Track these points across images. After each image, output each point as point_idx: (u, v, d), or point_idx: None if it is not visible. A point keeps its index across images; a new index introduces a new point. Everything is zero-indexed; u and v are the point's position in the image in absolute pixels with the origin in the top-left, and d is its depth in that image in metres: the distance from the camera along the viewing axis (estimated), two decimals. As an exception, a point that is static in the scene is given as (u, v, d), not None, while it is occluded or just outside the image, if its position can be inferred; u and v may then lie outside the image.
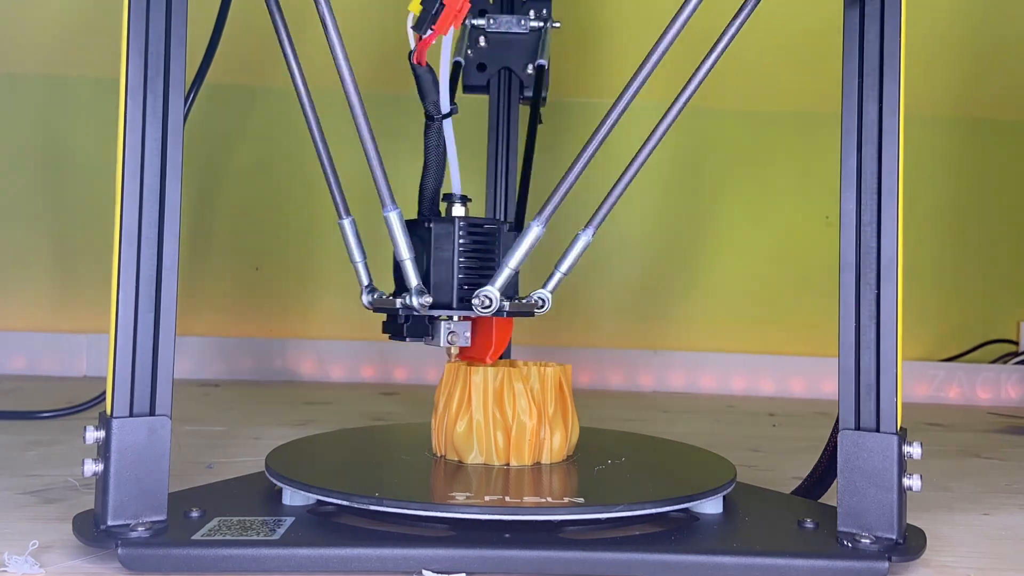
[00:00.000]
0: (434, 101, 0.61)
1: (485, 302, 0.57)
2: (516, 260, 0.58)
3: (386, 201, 0.58)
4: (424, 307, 0.58)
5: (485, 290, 0.57)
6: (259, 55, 1.40)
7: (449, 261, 0.59)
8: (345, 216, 0.65)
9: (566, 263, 0.60)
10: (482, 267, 0.60)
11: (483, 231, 0.61)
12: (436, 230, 0.60)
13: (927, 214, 1.51)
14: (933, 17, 1.36)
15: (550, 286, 0.60)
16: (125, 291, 0.50)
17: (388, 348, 1.44)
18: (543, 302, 0.60)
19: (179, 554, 0.47)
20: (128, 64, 0.50)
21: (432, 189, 0.63)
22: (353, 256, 0.65)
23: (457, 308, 0.59)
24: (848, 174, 0.52)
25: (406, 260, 0.58)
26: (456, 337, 0.60)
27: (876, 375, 0.51)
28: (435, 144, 0.62)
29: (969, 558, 0.54)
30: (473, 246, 0.60)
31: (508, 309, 0.58)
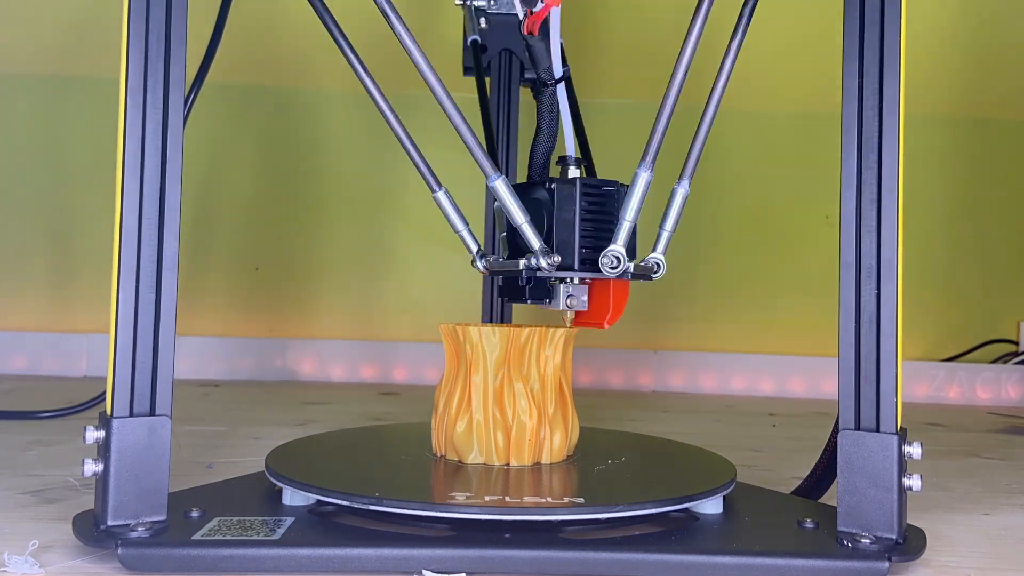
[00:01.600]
0: (547, 67, 0.62)
1: (614, 262, 0.56)
2: (632, 212, 0.57)
3: (489, 172, 0.58)
4: (552, 267, 0.57)
5: (613, 249, 0.56)
6: (259, 55, 1.40)
7: (571, 222, 0.58)
8: (438, 189, 0.65)
9: (670, 221, 0.59)
10: (601, 228, 0.59)
11: (602, 192, 0.60)
12: (559, 191, 0.59)
13: (927, 214, 1.51)
14: (933, 17, 1.36)
15: (660, 247, 0.59)
16: (125, 291, 0.50)
17: (388, 348, 1.44)
18: (659, 266, 0.60)
19: (179, 554, 0.47)
20: (128, 64, 0.50)
21: (544, 153, 0.64)
22: (456, 225, 0.66)
23: (579, 270, 0.58)
24: (848, 174, 0.52)
25: (523, 224, 0.57)
26: (575, 300, 0.60)
27: (876, 375, 0.51)
28: (548, 108, 0.63)
29: (969, 558, 0.54)
30: (593, 207, 0.59)
31: (632, 270, 0.57)
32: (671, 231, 0.59)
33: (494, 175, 0.58)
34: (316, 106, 1.47)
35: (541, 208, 0.59)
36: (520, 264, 0.59)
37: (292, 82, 1.45)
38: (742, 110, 1.49)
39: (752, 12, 0.60)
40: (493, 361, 0.60)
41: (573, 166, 0.62)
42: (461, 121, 0.57)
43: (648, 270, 0.59)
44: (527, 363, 0.61)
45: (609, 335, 1.47)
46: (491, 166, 0.58)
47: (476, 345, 0.60)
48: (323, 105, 1.46)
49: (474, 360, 0.61)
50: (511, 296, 0.62)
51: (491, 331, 0.60)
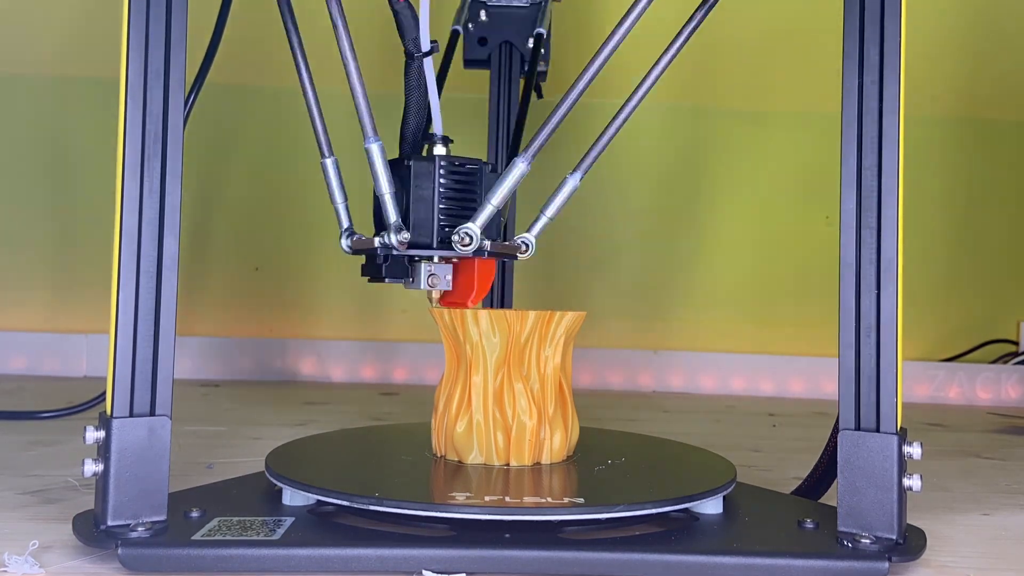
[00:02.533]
0: (414, 38, 0.59)
1: (465, 239, 0.55)
2: (499, 197, 0.56)
3: (368, 132, 0.56)
4: (402, 244, 0.56)
5: (465, 227, 0.55)
6: (259, 55, 1.40)
7: (429, 200, 0.57)
8: (328, 155, 0.63)
9: (552, 207, 0.59)
10: (463, 208, 0.58)
11: (464, 170, 0.59)
12: (416, 168, 0.58)
13: (927, 214, 1.51)
14: (933, 17, 1.36)
15: (535, 230, 0.59)
16: (125, 291, 0.50)
17: (388, 348, 1.44)
18: (527, 246, 0.59)
19: (179, 554, 0.47)
20: (128, 64, 0.50)
21: (413, 129, 0.61)
22: (335, 197, 0.63)
23: (437, 248, 0.57)
24: (848, 174, 0.52)
25: (385, 195, 0.56)
26: (437, 280, 0.59)
27: (876, 375, 0.51)
28: (416, 83, 0.61)
29: (969, 558, 0.54)
30: (454, 185, 0.58)
31: (490, 249, 0.57)
32: (550, 217, 0.59)
33: (372, 137, 0.56)
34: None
35: (403, 186, 0.58)
36: (376, 241, 0.58)
37: (292, 82, 1.44)
38: (742, 110, 1.49)
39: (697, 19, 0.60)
40: (493, 361, 0.60)
41: (440, 143, 0.60)
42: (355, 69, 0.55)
43: (514, 249, 0.58)
44: (527, 363, 0.61)
45: (609, 335, 1.47)
46: (372, 127, 0.56)
47: (476, 345, 0.60)
48: (323, 105, 1.46)
49: (474, 360, 0.61)
50: (372, 275, 0.60)
51: (491, 331, 0.60)
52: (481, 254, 0.57)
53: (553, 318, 0.61)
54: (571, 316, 0.61)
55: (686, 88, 1.47)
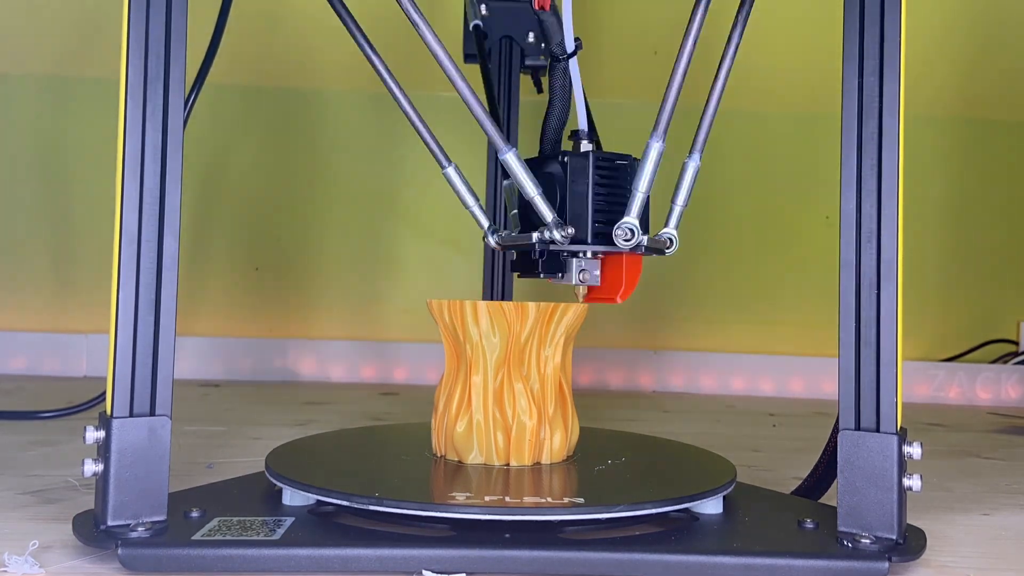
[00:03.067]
0: (559, 42, 0.61)
1: (627, 234, 0.56)
2: (645, 183, 0.56)
3: (500, 145, 0.57)
4: (566, 239, 0.57)
5: (627, 221, 0.56)
6: (260, 55, 1.40)
7: (584, 195, 0.58)
8: (448, 164, 0.65)
9: (682, 195, 0.59)
10: (614, 202, 0.59)
11: (615, 166, 0.60)
12: (572, 164, 0.58)
13: (927, 214, 1.51)
14: (933, 17, 1.36)
15: (672, 222, 0.59)
16: (125, 291, 0.50)
17: (388, 348, 1.44)
18: (672, 241, 0.59)
19: (179, 554, 0.47)
20: (128, 64, 0.50)
21: (556, 127, 0.63)
22: (467, 201, 0.65)
23: (593, 243, 0.58)
24: (848, 174, 0.52)
25: (536, 196, 0.57)
26: (587, 275, 0.60)
27: (876, 375, 0.51)
28: (561, 83, 0.62)
29: (969, 558, 0.54)
30: (606, 180, 0.59)
31: (646, 244, 0.57)
32: (683, 205, 0.59)
33: (505, 147, 0.57)
34: (316, 106, 1.47)
35: (553, 182, 0.59)
36: (533, 237, 0.58)
37: (292, 82, 1.45)
38: (742, 110, 1.49)
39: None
40: (493, 361, 0.60)
41: (586, 140, 0.62)
42: (469, 93, 0.56)
43: (661, 244, 0.59)
44: (527, 363, 0.61)
45: (609, 335, 1.47)
46: (502, 139, 0.57)
47: (476, 345, 0.60)
48: (323, 105, 1.46)
49: (474, 360, 0.61)
50: (524, 271, 0.61)
51: (491, 331, 0.60)
52: (639, 249, 0.58)
53: (556, 312, 0.61)
54: (573, 310, 0.61)
55: (686, 88, 1.47)
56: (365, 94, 1.45)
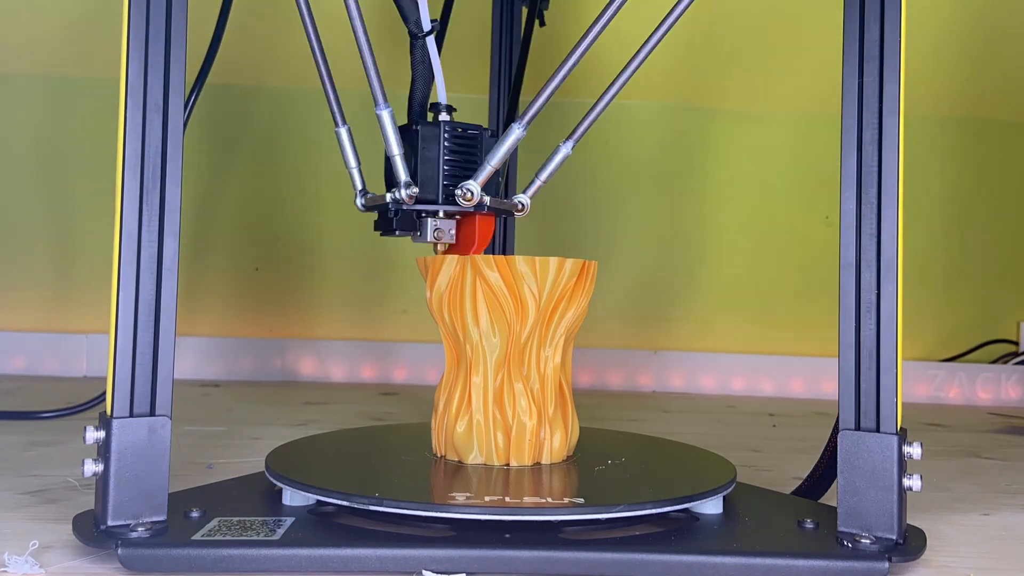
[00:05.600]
0: (415, 20, 0.65)
1: (467, 195, 0.62)
2: (497, 159, 0.62)
3: (379, 100, 0.62)
4: (411, 198, 0.62)
5: (467, 184, 0.62)
6: (259, 55, 1.40)
7: (435, 160, 0.64)
8: (342, 124, 0.69)
9: (545, 172, 0.65)
10: (465, 167, 0.64)
11: (466, 135, 0.65)
12: (423, 132, 0.64)
13: (927, 214, 1.51)
14: (933, 17, 1.36)
15: (530, 191, 0.65)
16: (125, 291, 0.50)
17: (388, 348, 1.44)
18: (522, 206, 0.65)
19: (179, 554, 0.47)
20: (128, 64, 0.50)
21: (419, 100, 0.68)
22: (349, 162, 0.69)
23: (442, 203, 0.63)
24: (848, 174, 0.52)
25: (396, 155, 0.62)
26: (442, 233, 0.65)
27: (876, 375, 0.51)
28: (420, 59, 0.67)
29: (969, 558, 0.54)
30: (457, 147, 0.64)
31: (489, 204, 0.63)
32: (543, 181, 0.65)
33: (383, 104, 0.62)
34: (316, 106, 1.46)
35: (413, 149, 0.64)
36: (387, 197, 0.64)
37: (292, 82, 1.45)
38: (742, 110, 1.49)
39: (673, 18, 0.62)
40: (493, 361, 0.60)
41: (444, 112, 0.66)
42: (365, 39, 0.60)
43: (512, 207, 0.65)
44: (527, 363, 0.61)
45: (609, 335, 1.47)
46: (383, 95, 0.62)
47: (476, 345, 0.60)
48: (323, 105, 1.46)
49: (474, 360, 0.61)
50: (384, 229, 0.66)
51: (491, 331, 0.60)
52: (481, 209, 0.63)
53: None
54: (573, 311, 0.62)
55: (686, 88, 1.47)
56: (365, 94, 1.44)
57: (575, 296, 0.62)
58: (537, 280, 0.60)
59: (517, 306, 0.60)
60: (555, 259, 0.60)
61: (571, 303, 0.62)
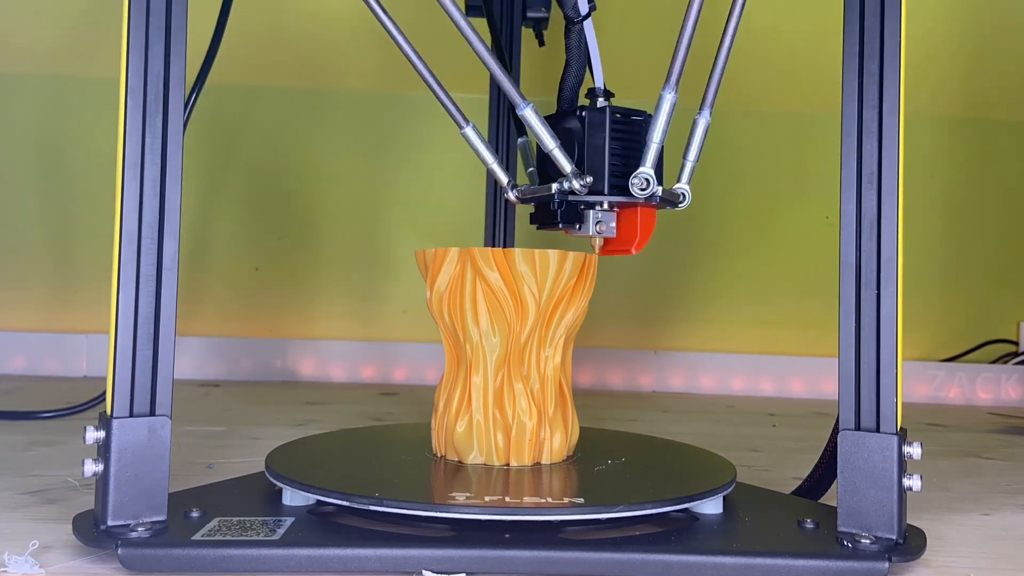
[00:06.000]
0: (573, 5, 0.63)
1: (643, 183, 0.58)
2: (659, 133, 0.58)
3: (518, 100, 0.59)
4: (584, 188, 0.59)
5: (642, 171, 0.58)
6: (260, 55, 1.40)
7: (601, 148, 0.61)
8: (466, 124, 0.66)
9: (693, 151, 0.61)
10: (629, 155, 0.61)
11: (630, 120, 0.62)
12: (590, 118, 0.61)
13: (927, 214, 1.51)
14: (933, 17, 1.36)
15: (684, 178, 0.61)
16: (125, 291, 0.50)
17: (388, 348, 1.44)
18: (684, 196, 0.61)
19: (179, 554, 0.47)
20: (128, 64, 0.50)
21: (572, 87, 0.65)
22: (486, 159, 0.66)
23: (609, 194, 0.60)
24: (848, 174, 0.52)
25: (555, 148, 0.59)
26: (604, 226, 0.62)
27: (876, 375, 0.51)
28: (576, 44, 0.64)
29: (969, 558, 0.54)
30: (622, 134, 0.61)
31: (661, 194, 0.59)
32: (694, 160, 0.61)
33: (523, 103, 0.59)
34: (316, 106, 1.47)
35: (571, 136, 0.61)
36: (552, 188, 0.60)
37: (292, 82, 1.45)
38: (742, 110, 1.49)
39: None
40: (493, 361, 0.60)
41: (602, 97, 0.64)
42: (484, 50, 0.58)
43: (675, 197, 0.61)
44: (527, 363, 0.61)
45: (609, 335, 1.47)
46: (519, 95, 0.59)
47: (476, 345, 0.60)
48: (323, 105, 1.46)
49: (474, 360, 0.61)
50: (543, 222, 0.63)
51: (491, 331, 0.60)
52: (654, 199, 0.60)
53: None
54: (572, 312, 0.62)
55: (686, 88, 1.47)
56: (365, 94, 1.45)
57: (575, 296, 0.62)
58: (537, 280, 0.60)
59: (517, 306, 0.60)
60: (555, 252, 0.60)
61: (571, 303, 0.62)
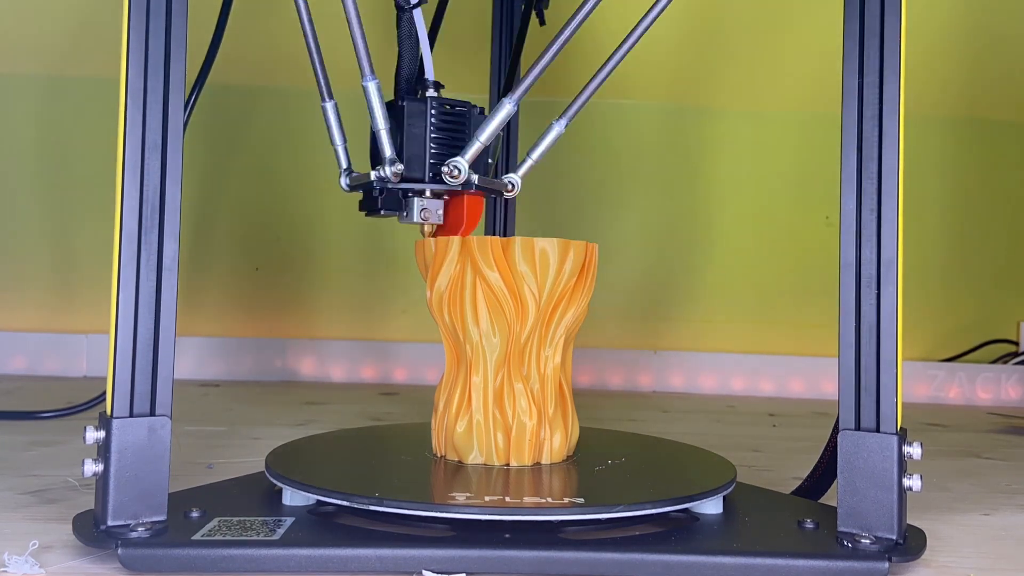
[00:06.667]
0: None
1: (454, 171, 0.60)
2: (486, 134, 0.60)
3: (365, 71, 0.60)
4: (396, 176, 0.60)
5: (454, 160, 0.60)
6: (260, 55, 1.40)
7: (421, 137, 0.62)
8: (328, 99, 0.67)
9: (537, 151, 0.63)
10: (453, 145, 0.62)
11: (454, 111, 0.63)
12: (409, 107, 0.62)
13: (927, 214, 1.51)
14: (933, 17, 1.36)
15: (521, 171, 0.63)
16: (125, 291, 0.50)
17: (388, 348, 1.44)
18: (513, 185, 0.63)
19: (179, 554, 0.47)
20: (128, 64, 0.50)
21: (406, 76, 0.65)
22: (334, 139, 0.67)
23: (429, 182, 0.61)
24: (848, 174, 0.52)
25: (381, 130, 0.60)
26: (429, 214, 0.63)
27: (876, 375, 0.51)
28: (407, 33, 0.65)
29: (969, 558, 0.54)
30: (444, 124, 0.62)
31: (477, 183, 0.61)
32: (536, 159, 0.63)
33: (370, 76, 0.60)
34: (316, 106, 1.46)
35: (399, 126, 0.62)
36: (372, 175, 0.62)
37: (292, 82, 1.45)
38: (742, 110, 1.49)
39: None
40: (493, 361, 0.60)
41: (431, 89, 0.64)
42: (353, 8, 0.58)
43: (501, 186, 0.62)
44: (527, 363, 0.61)
45: (609, 335, 1.47)
46: (369, 66, 0.59)
47: (476, 345, 0.60)
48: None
49: (474, 360, 0.61)
50: (369, 209, 0.64)
51: (491, 331, 0.60)
52: (469, 187, 0.61)
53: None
54: (572, 312, 0.62)
55: (686, 88, 1.47)
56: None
57: (575, 296, 0.62)
58: (537, 280, 0.60)
59: (517, 306, 0.60)
60: (555, 247, 0.59)
61: (571, 303, 0.62)
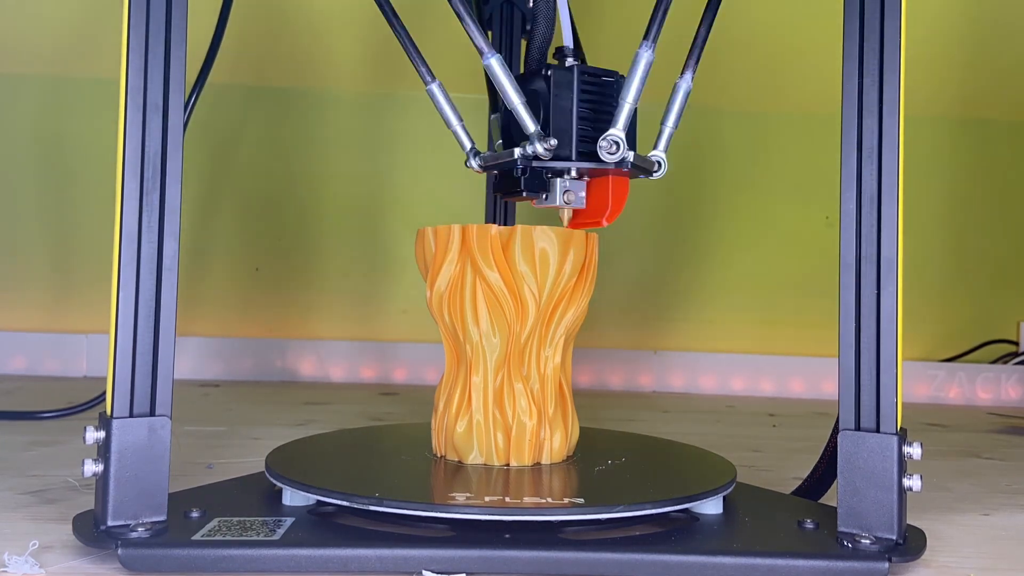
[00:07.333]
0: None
1: (612, 147, 0.53)
2: (632, 93, 0.54)
3: (484, 49, 0.54)
4: (549, 152, 0.54)
5: (612, 133, 0.53)
6: (260, 55, 1.40)
7: (568, 110, 0.55)
8: (431, 81, 0.61)
9: (672, 116, 0.57)
10: (600, 119, 0.56)
11: (601, 81, 0.57)
12: (555, 77, 0.55)
13: (927, 214, 1.51)
14: (933, 17, 1.36)
15: (661, 145, 0.57)
16: (125, 291, 0.50)
17: (388, 348, 1.44)
18: (660, 164, 0.57)
19: (179, 554, 0.47)
20: (128, 64, 0.50)
21: (540, 46, 0.60)
22: (450, 121, 0.62)
23: (577, 159, 0.55)
24: (848, 174, 0.52)
25: (519, 105, 0.54)
26: (572, 196, 0.57)
27: (876, 375, 0.51)
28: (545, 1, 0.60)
29: (969, 558, 0.54)
30: (592, 95, 0.56)
31: (632, 160, 0.54)
32: (672, 127, 0.57)
33: (489, 52, 0.54)
34: (316, 106, 1.46)
35: (537, 98, 0.56)
36: (515, 153, 0.56)
37: (293, 82, 1.45)
38: (742, 110, 1.49)
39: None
40: (493, 361, 0.60)
41: (571, 57, 0.59)
42: None
43: (649, 165, 0.57)
44: (527, 363, 0.61)
45: (609, 335, 1.47)
46: (486, 43, 0.54)
47: (476, 345, 0.60)
48: (323, 105, 1.46)
49: (474, 360, 0.61)
50: (506, 191, 0.58)
51: (491, 331, 0.60)
52: (624, 165, 0.55)
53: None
54: (571, 312, 0.62)
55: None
56: (365, 94, 1.45)
57: (575, 296, 0.62)
58: (537, 280, 0.60)
59: (517, 306, 0.60)
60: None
61: (571, 303, 0.62)
